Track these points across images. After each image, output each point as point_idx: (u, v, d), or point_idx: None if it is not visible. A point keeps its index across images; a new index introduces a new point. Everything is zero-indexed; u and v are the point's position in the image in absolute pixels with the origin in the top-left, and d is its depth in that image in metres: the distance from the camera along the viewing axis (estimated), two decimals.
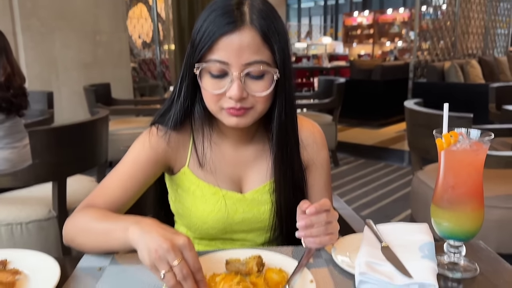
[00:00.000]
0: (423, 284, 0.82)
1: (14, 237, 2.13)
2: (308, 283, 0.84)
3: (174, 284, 0.76)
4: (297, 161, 1.14)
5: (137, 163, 1.05)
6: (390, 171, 4.49)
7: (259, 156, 1.14)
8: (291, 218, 1.08)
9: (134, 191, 1.05)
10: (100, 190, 1.04)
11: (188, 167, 1.11)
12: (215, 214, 1.09)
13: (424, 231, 1.01)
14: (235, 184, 1.13)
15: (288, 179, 1.11)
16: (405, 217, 3.30)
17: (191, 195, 1.10)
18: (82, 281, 0.90)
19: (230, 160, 1.13)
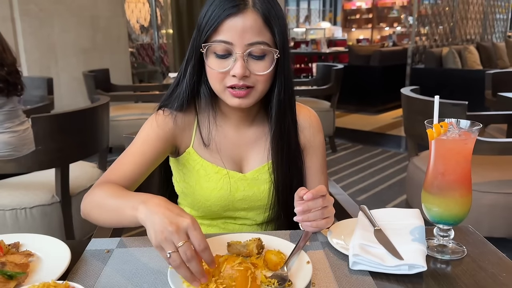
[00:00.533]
0: (413, 265, 0.87)
1: (18, 221, 2.19)
2: (305, 264, 0.89)
3: (179, 264, 0.80)
4: (294, 140, 1.19)
5: (146, 141, 1.12)
6: (386, 157, 4.55)
7: (259, 137, 1.19)
8: (289, 196, 1.13)
9: (146, 167, 1.10)
10: (115, 167, 1.10)
11: (193, 147, 1.17)
12: (217, 192, 1.15)
13: (416, 216, 1.06)
14: (236, 164, 1.19)
15: (285, 157, 1.17)
16: (400, 202, 3.37)
17: (195, 174, 1.16)
18: (91, 263, 0.96)
19: (232, 141, 1.19)
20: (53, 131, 2.14)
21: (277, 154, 1.16)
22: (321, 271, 0.90)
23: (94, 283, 0.88)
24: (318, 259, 0.95)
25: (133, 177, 1.08)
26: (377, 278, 0.88)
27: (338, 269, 0.92)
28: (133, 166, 1.09)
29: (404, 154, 4.63)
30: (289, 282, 0.82)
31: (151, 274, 0.90)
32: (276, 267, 0.88)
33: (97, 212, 1.01)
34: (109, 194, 0.98)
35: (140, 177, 1.10)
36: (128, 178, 1.07)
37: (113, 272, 0.92)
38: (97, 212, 1.01)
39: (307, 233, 1.01)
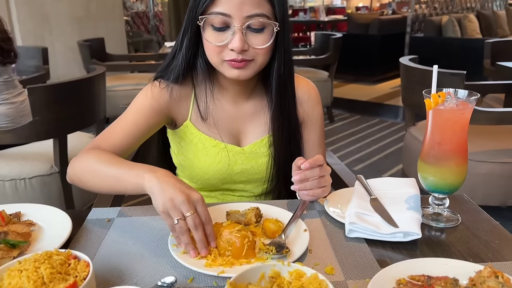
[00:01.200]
0: (408, 233, 0.89)
1: (18, 192, 2.20)
2: (302, 232, 0.91)
3: (184, 231, 0.82)
4: (294, 114, 1.19)
5: (140, 111, 1.10)
6: (384, 127, 4.56)
7: (258, 111, 1.19)
8: (287, 170, 1.15)
9: (137, 137, 1.09)
10: (105, 134, 1.10)
11: (190, 120, 1.16)
12: (216, 165, 1.15)
13: (411, 185, 1.08)
14: (234, 138, 1.19)
15: (285, 131, 1.17)
16: (396, 172, 3.40)
17: (194, 147, 1.16)
18: (93, 232, 0.97)
19: (230, 114, 1.18)
20: (49, 101, 2.13)
21: (277, 128, 1.16)
22: (318, 238, 0.92)
23: (95, 251, 0.90)
24: (315, 227, 0.97)
25: (123, 146, 1.08)
26: (372, 245, 0.90)
27: (335, 236, 0.94)
28: (124, 135, 1.08)
29: (401, 124, 4.63)
30: (287, 249, 0.84)
31: (151, 242, 0.92)
32: (274, 235, 0.90)
33: (91, 177, 1.00)
34: (107, 161, 0.98)
35: (130, 147, 1.10)
36: (118, 146, 1.07)
37: (114, 241, 0.93)
38: (91, 177, 1.00)
39: (304, 202, 1.02)
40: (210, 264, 0.81)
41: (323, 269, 0.82)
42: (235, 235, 0.84)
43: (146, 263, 0.85)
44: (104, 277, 0.80)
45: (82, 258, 0.76)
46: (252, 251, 0.84)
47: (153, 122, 1.12)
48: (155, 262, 0.85)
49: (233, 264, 0.81)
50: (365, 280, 0.79)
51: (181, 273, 0.81)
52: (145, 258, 0.86)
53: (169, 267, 0.83)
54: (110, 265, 0.84)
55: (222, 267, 0.80)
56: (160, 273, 0.81)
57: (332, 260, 0.85)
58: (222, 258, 0.83)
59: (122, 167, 0.95)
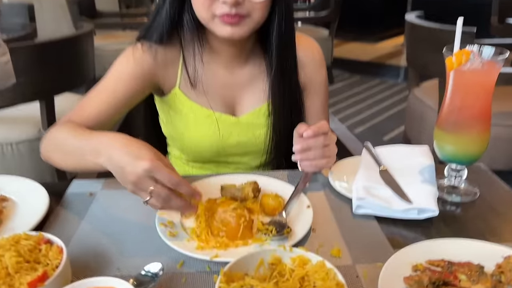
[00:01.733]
0: (423, 210, 0.80)
1: (5, 158, 2.11)
2: (305, 208, 0.82)
3: (161, 207, 0.74)
4: (295, 79, 1.07)
5: (120, 79, 0.98)
6: (385, 88, 4.43)
7: (255, 77, 1.07)
8: (287, 141, 1.04)
9: (117, 107, 0.97)
10: (81, 106, 0.97)
11: (179, 87, 1.04)
12: (208, 138, 1.04)
13: (425, 154, 0.98)
14: (228, 107, 1.07)
15: (286, 99, 1.06)
16: (398, 135, 3.31)
17: (184, 117, 1.05)
18: (73, 207, 0.88)
19: (223, 81, 1.06)
20: (33, 61, 2.00)
21: (277, 96, 1.04)
22: (322, 215, 0.83)
23: (74, 232, 0.80)
24: (319, 202, 0.88)
25: (101, 118, 0.95)
26: (382, 223, 0.81)
27: (340, 213, 0.84)
28: (102, 106, 0.96)
29: (402, 85, 4.50)
30: (288, 229, 0.75)
31: (138, 220, 0.83)
32: (274, 212, 0.81)
33: (59, 153, 0.90)
34: (72, 135, 0.86)
35: (110, 118, 0.97)
36: (95, 119, 0.95)
37: (96, 219, 0.84)
38: (59, 153, 0.90)
39: (307, 174, 0.92)
40: (202, 247, 0.72)
41: (328, 251, 0.73)
42: (230, 214, 0.75)
43: (130, 245, 0.76)
44: (82, 264, 0.71)
45: (55, 242, 0.66)
46: (249, 232, 0.75)
47: (135, 90, 0.99)
48: (141, 244, 0.76)
49: (228, 246, 0.73)
50: (376, 264, 0.70)
51: (170, 256, 0.73)
52: (129, 240, 0.77)
53: (156, 250, 0.74)
54: (89, 249, 0.75)
55: (216, 249, 0.72)
56: (146, 257, 0.72)
57: (338, 240, 0.76)
58: (216, 239, 0.74)
59: (82, 140, 0.83)
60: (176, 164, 1.17)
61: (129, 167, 0.72)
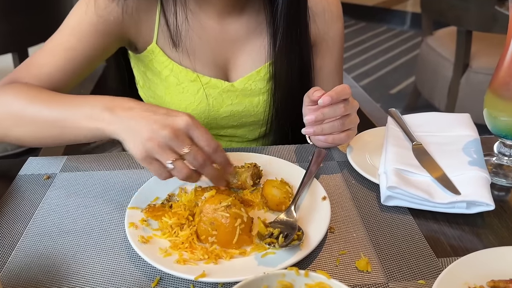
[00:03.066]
0: (474, 203, 0.61)
1: None
2: (319, 201, 0.63)
3: (188, 173, 0.58)
4: (304, 34, 0.85)
5: (79, 32, 0.75)
6: (391, 36, 4.14)
7: (252, 30, 0.85)
8: (292, 110, 0.84)
9: (76, 66, 0.76)
10: (30, 64, 0.76)
11: (157, 43, 0.81)
12: (195, 107, 0.84)
13: (467, 123, 0.78)
14: (220, 69, 0.85)
15: (291, 59, 0.84)
16: (407, 87, 3.08)
17: (163, 81, 0.83)
18: (25, 193, 0.69)
19: (214, 37, 0.83)
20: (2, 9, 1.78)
21: (280, 55, 0.83)
22: (341, 208, 0.65)
23: (24, 228, 0.62)
24: (335, 189, 0.69)
25: (56, 79, 0.74)
26: (419, 217, 0.63)
27: (364, 204, 0.66)
28: (58, 64, 0.74)
29: (410, 32, 4.21)
30: (299, 232, 0.56)
31: (107, 215, 0.64)
32: (280, 207, 0.62)
33: (13, 125, 0.68)
34: (38, 99, 0.67)
35: (67, 80, 0.76)
36: (48, 80, 0.74)
37: (52, 212, 0.65)
38: (13, 125, 0.68)
39: (320, 151, 0.73)
40: (185, 260, 0.54)
41: (353, 263, 0.55)
42: (222, 214, 0.56)
43: (93, 254, 0.58)
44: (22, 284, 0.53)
45: None
46: (247, 236, 0.57)
47: (99, 45, 0.77)
48: (108, 251, 0.58)
49: (220, 257, 0.54)
50: (417, 282, 0.53)
51: (143, 271, 0.55)
52: (90, 246, 0.59)
53: (125, 262, 0.56)
54: (35, 262, 0.57)
55: (203, 262, 0.54)
56: (110, 273, 0.54)
57: (364, 245, 0.58)
58: (204, 248, 0.56)
59: (63, 105, 0.65)
60: None
61: (161, 122, 0.57)
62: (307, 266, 0.55)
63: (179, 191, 0.66)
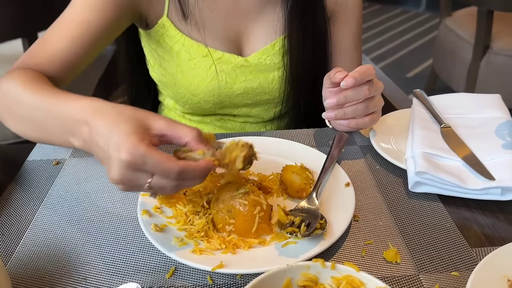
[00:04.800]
0: (510, 189, 0.57)
1: None
2: (343, 187, 0.59)
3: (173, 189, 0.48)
4: (320, 7, 0.81)
5: (91, 5, 0.71)
6: (407, 18, 4.03)
7: (266, 2, 0.80)
8: (309, 87, 0.81)
9: (89, 43, 0.72)
10: (39, 45, 0.72)
11: (168, 17, 0.78)
12: (207, 84, 0.80)
13: (497, 105, 0.73)
14: (233, 43, 0.81)
15: (308, 33, 0.80)
16: (423, 70, 3.00)
17: (175, 57, 0.80)
18: (33, 181, 0.67)
19: (225, 8, 0.79)
20: None
21: (295, 27, 0.79)
22: (365, 195, 0.61)
23: (32, 216, 0.59)
24: (358, 175, 0.65)
25: (68, 59, 0.70)
26: (450, 205, 0.59)
27: (390, 191, 0.62)
28: (68, 42, 0.70)
29: (426, 14, 4.10)
30: (322, 221, 0.53)
31: (119, 200, 0.62)
32: (300, 194, 0.58)
33: (13, 119, 0.64)
34: (30, 92, 0.61)
35: (80, 59, 0.72)
36: (60, 60, 0.70)
37: (62, 198, 0.63)
38: (13, 119, 0.64)
39: (342, 135, 0.69)
40: (200, 250, 0.50)
41: (380, 253, 0.52)
42: (240, 201, 0.53)
43: (105, 242, 0.55)
44: (31, 275, 0.51)
45: None
46: (266, 225, 0.53)
47: (110, 18, 0.72)
48: (120, 240, 0.55)
49: (238, 247, 0.51)
50: (451, 273, 0.49)
51: (157, 262, 0.52)
52: (104, 233, 0.56)
53: (139, 251, 0.53)
54: (49, 246, 0.54)
55: (220, 252, 0.50)
56: (123, 263, 0.52)
57: (391, 235, 0.54)
58: (221, 237, 0.52)
59: (47, 104, 0.58)
60: (170, 116, 0.93)
61: (106, 162, 0.48)
62: (331, 257, 0.51)
63: None
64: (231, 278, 0.49)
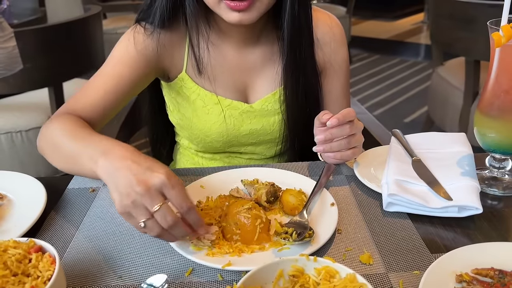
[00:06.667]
0: (464, 207, 0.70)
1: (15, 145, 2.06)
2: (328, 206, 0.73)
3: (158, 233, 0.60)
4: (311, 64, 0.97)
5: (122, 62, 0.88)
6: (405, 67, 4.26)
7: (267, 59, 0.97)
8: (303, 128, 0.95)
9: (120, 92, 0.88)
10: (81, 94, 0.88)
11: (186, 72, 0.94)
12: (218, 126, 0.95)
13: (461, 142, 0.87)
14: (240, 93, 0.98)
15: (300, 85, 0.95)
16: (419, 116, 3.17)
17: (191, 104, 0.96)
18: (74, 205, 0.81)
19: (233, 64, 0.96)
20: (39, 46, 1.95)
21: (290, 82, 0.94)
22: (348, 214, 0.74)
23: (75, 230, 0.73)
24: (344, 199, 0.78)
25: (102, 106, 0.86)
26: (417, 221, 0.72)
27: (369, 210, 0.75)
28: (104, 92, 0.87)
29: (423, 63, 4.33)
30: (310, 231, 0.66)
31: None
32: (293, 212, 0.72)
33: (52, 152, 0.80)
34: (68, 133, 0.76)
35: (113, 106, 0.88)
36: (97, 107, 0.86)
37: (99, 218, 0.76)
38: (52, 152, 0.80)
39: (330, 166, 0.83)
40: (213, 253, 0.63)
41: (357, 257, 0.64)
42: (244, 215, 0.66)
43: (135, 249, 0.68)
44: (80, 272, 0.64)
45: (47, 250, 0.59)
46: (266, 235, 0.66)
47: (139, 74, 0.89)
48: (147, 248, 0.68)
49: (243, 252, 0.64)
50: (413, 272, 0.61)
51: (177, 263, 0.65)
52: (134, 243, 0.69)
53: (163, 256, 0.66)
54: (90, 253, 0.68)
55: (229, 256, 0.63)
56: (151, 264, 0.65)
57: (367, 243, 0.67)
58: (229, 244, 0.65)
59: (80, 141, 0.72)
60: (184, 154, 1.09)
61: (138, 176, 0.59)
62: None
63: (206, 199, 0.76)
64: (237, 275, 0.62)
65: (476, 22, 2.14)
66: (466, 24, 2.23)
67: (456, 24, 2.29)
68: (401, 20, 6.31)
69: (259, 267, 0.54)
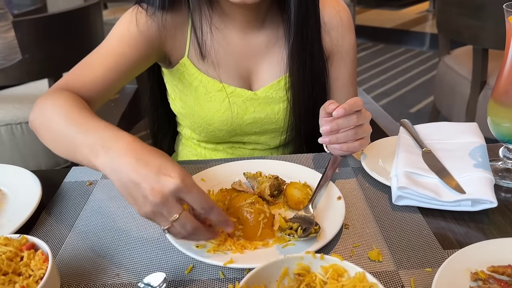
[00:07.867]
0: (478, 200, 0.67)
1: (16, 138, 2.03)
2: (335, 200, 0.69)
3: (183, 237, 0.58)
4: (318, 48, 0.93)
5: (124, 39, 0.84)
6: (410, 57, 4.20)
7: (272, 44, 0.93)
8: (310, 117, 0.91)
9: (122, 71, 0.84)
10: (79, 71, 0.83)
11: (188, 57, 0.91)
12: (221, 114, 0.92)
13: (473, 132, 0.83)
14: (243, 79, 0.94)
15: (307, 71, 0.92)
16: (426, 106, 3.12)
17: (194, 91, 0.92)
18: (70, 198, 0.78)
19: (237, 50, 0.92)
20: (38, 37, 1.91)
21: (296, 68, 0.90)
22: (355, 208, 0.71)
23: (71, 226, 0.70)
24: (351, 192, 0.75)
25: (103, 84, 0.82)
26: (428, 215, 0.69)
27: (377, 204, 0.72)
28: (104, 69, 0.82)
29: (429, 53, 4.26)
30: (316, 227, 0.63)
31: None
32: (298, 206, 0.68)
33: (46, 133, 0.73)
34: (67, 114, 0.70)
35: (112, 86, 0.84)
36: (97, 85, 0.81)
37: (96, 213, 0.74)
38: (46, 133, 0.73)
39: (336, 158, 0.80)
40: (214, 249, 0.60)
41: (365, 254, 0.61)
42: (247, 210, 0.63)
43: (133, 246, 0.65)
44: (76, 269, 0.61)
45: (40, 247, 0.56)
46: (269, 230, 0.63)
47: (141, 54, 0.85)
48: (146, 244, 0.65)
49: (245, 248, 0.61)
50: (425, 269, 0.58)
51: (177, 260, 0.62)
52: (132, 239, 0.66)
53: (162, 253, 0.63)
54: (86, 250, 0.65)
55: (230, 252, 0.60)
56: (150, 261, 0.62)
57: (376, 239, 0.64)
58: (231, 240, 0.62)
59: (78, 127, 0.66)
60: (187, 145, 1.05)
61: (149, 182, 0.54)
62: None
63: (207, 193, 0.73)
64: (239, 273, 0.59)
65: (485, 9, 2.09)
66: (474, 12, 2.18)
67: (464, 11, 2.23)
68: (406, 9, 6.22)
69: (263, 265, 0.51)
